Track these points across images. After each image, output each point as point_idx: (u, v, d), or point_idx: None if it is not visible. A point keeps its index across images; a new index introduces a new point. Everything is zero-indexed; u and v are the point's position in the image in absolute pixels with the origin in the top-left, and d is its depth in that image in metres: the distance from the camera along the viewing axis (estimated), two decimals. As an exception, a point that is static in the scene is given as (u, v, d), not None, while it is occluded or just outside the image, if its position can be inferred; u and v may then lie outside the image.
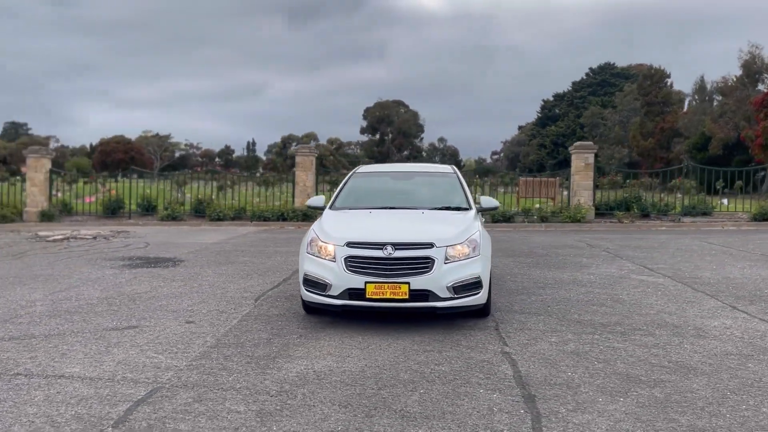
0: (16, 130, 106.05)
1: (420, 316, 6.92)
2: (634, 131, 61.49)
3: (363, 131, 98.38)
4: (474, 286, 6.56)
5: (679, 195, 22.42)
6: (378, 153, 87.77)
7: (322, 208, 7.93)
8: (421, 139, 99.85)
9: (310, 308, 7.08)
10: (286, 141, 78.50)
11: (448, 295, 6.41)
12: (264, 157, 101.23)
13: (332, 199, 8.13)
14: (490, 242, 7.30)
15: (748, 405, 4.50)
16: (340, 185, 8.47)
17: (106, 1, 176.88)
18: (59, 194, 25.44)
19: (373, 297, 6.35)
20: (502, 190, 26.35)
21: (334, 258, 6.56)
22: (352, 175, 8.71)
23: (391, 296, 6.33)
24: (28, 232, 18.31)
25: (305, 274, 6.78)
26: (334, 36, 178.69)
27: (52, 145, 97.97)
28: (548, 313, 7.37)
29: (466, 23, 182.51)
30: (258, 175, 34.34)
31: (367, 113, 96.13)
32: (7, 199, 22.80)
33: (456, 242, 6.60)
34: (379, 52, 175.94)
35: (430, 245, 6.47)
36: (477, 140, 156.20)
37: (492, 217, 21.17)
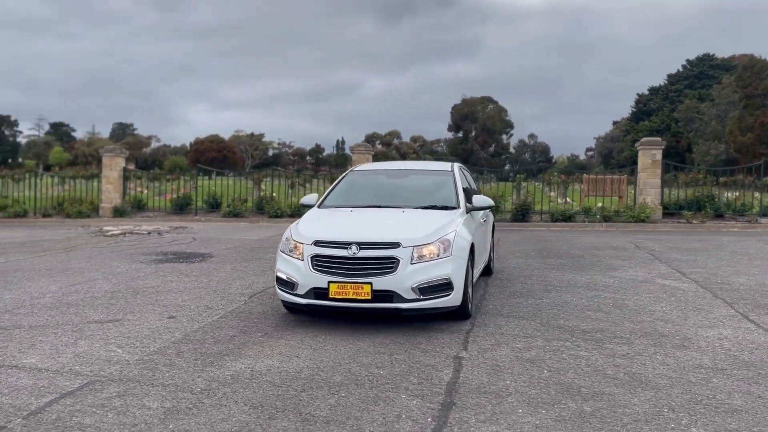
0: (123, 130, 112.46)
1: (401, 318, 6.76)
2: (732, 126, 57.99)
3: (449, 129, 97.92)
4: (443, 287, 6.35)
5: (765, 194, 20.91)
6: (462, 150, 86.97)
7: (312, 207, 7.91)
8: (511, 135, 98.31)
9: (288, 306, 7.07)
10: (370, 139, 79.24)
11: (413, 296, 6.24)
12: (353, 155, 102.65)
13: (323, 197, 8.09)
14: (469, 243, 6.95)
15: (679, 424, 4.12)
16: (334, 183, 8.41)
17: (207, 7, 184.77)
18: (143, 191, 26.81)
19: (336, 297, 6.27)
20: (586, 187, 25.42)
21: (303, 257, 6.53)
22: (347, 173, 8.63)
23: (354, 296, 6.23)
24: (96, 227, 19.35)
25: (277, 273, 6.79)
26: (425, 33, 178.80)
27: (153, 144, 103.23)
28: (534, 317, 7.05)
29: (561, 16, 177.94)
30: (315, 173, 34.89)
31: (454, 110, 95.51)
32: (86, 196, 24.18)
33: (425, 242, 6.40)
34: (471, 49, 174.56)
35: (396, 245, 6.32)
36: (570, 136, 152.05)
37: (551, 217, 20.54)
